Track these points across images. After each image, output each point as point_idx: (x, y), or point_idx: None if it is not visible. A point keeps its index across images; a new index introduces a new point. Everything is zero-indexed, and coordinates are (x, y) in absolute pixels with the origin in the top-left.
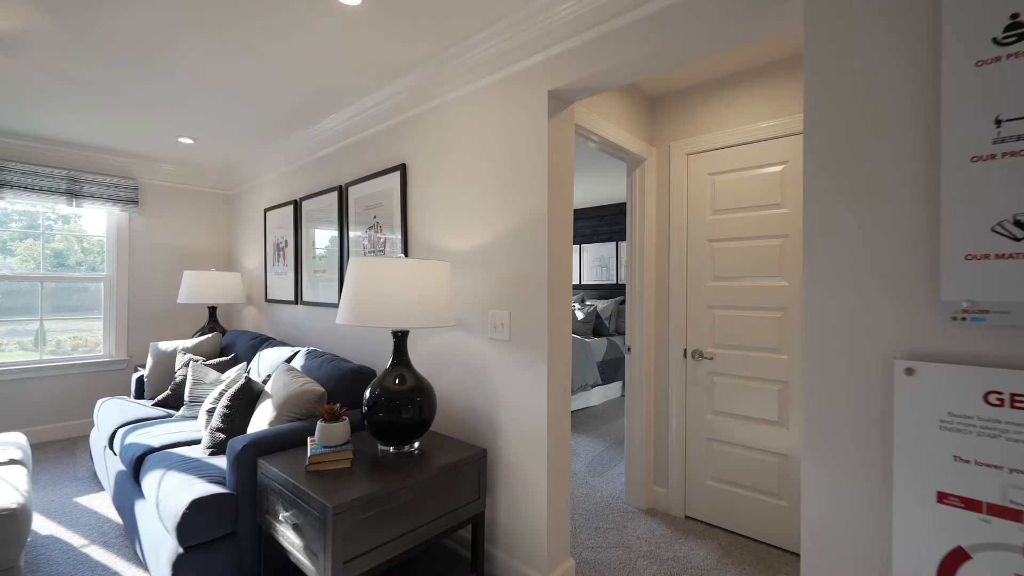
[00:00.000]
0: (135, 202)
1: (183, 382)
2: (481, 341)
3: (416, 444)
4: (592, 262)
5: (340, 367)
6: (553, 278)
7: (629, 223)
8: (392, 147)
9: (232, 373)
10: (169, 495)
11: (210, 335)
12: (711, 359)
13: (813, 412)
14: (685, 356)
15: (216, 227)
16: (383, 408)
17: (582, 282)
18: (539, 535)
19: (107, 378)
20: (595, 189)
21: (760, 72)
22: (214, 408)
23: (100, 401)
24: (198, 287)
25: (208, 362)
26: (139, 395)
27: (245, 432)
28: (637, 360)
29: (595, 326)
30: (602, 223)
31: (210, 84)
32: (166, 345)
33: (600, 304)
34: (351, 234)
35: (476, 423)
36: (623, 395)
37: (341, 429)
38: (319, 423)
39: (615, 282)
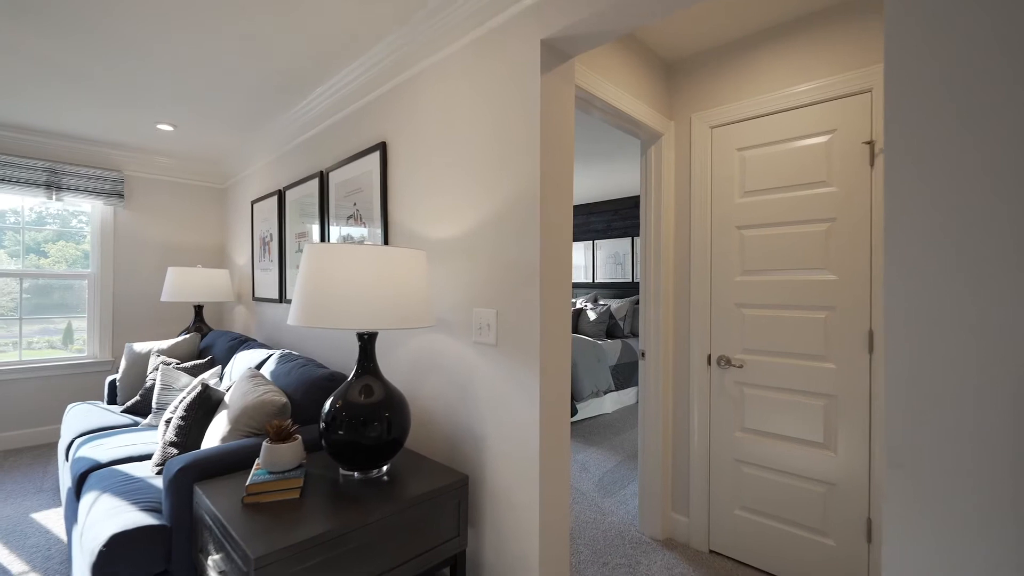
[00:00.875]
0: (120, 195)
1: (153, 387)
2: (465, 345)
3: (385, 468)
4: (606, 259)
5: (310, 373)
6: (547, 269)
7: (643, 209)
8: (372, 124)
9: (204, 378)
10: (93, 524)
11: (188, 336)
12: (740, 367)
13: (901, 450)
14: (709, 363)
15: (207, 222)
16: (344, 425)
17: (595, 280)
18: None
19: (89, 380)
20: (608, 180)
21: (796, 26)
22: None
23: (69, 406)
24: (182, 285)
25: (181, 365)
26: (112, 400)
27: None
28: (652, 367)
29: (608, 327)
30: (616, 217)
31: (183, 62)
32: (141, 346)
33: (614, 304)
34: (332, 225)
35: (459, 442)
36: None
37: (290, 451)
38: (264, 443)
39: (631, 280)
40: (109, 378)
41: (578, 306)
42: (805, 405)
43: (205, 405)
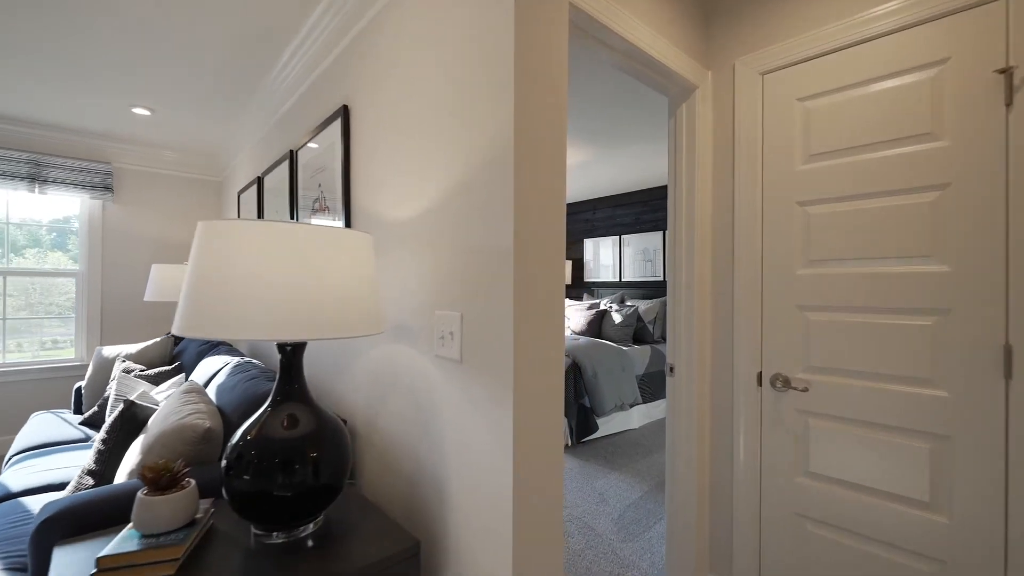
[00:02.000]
0: (108, 189)
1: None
2: (426, 359)
3: (312, 526)
4: (635, 256)
5: (254, 389)
6: (526, 259)
7: (672, 184)
8: (335, 87)
9: (165, 388)
10: None
11: (159, 339)
12: (803, 391)
13: None
14: (759, 383)
15: (203, 217)
16: (251, 468)
17: (622, 279)
18: None
19: (73, 385)
20: (636, 168)
21: None
22: None
23: (33, 415)
24: (167, 283)
25: (144, 372)
26: (78, 408)
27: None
28: (684, 386)
29: (636, 331)
30: (646, 209)
31: (145, 34)
32: (110, 350)
33: (642, 305)
34: (300, 214)
35: (419, 487)
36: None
37: (172, 505)
38: (138, 495)
39: (662, 279)
40: (76, 385)
41: (602, 307)
42: (900, 447)
43: (128, 426)
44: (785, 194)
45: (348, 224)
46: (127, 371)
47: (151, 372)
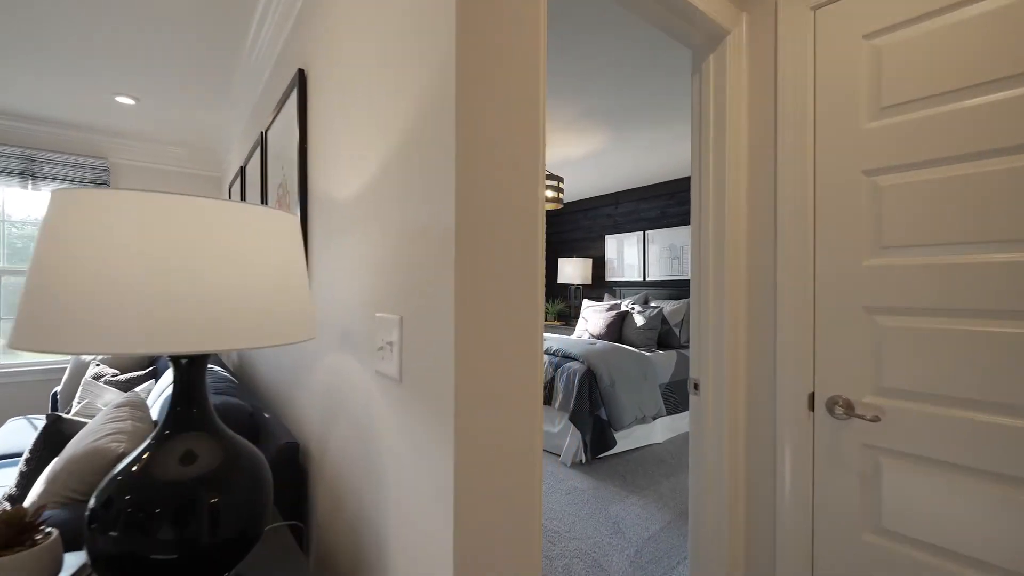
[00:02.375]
0: (104, 185)
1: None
2: (367, 375)
3: None
4: (660, 253)
5: None
6: (475, 237)
7: (696, 158)
8: (295, 51)
9: (130, 397)
10: None
11: None
12: (874, 420)
13: None
14: (811, 407)
15: None
16: (119, 521)
17: (647, 278)
18: None
19: (66, 387)
20: (659, 156)
21: None
22: None
23: (8, 421)
24: None
25: (115, 378)
26: None
27: None
28: (712, 407)
29: (660, 334)
30: (672, 203)
31: (117, 15)
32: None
33: (668, 306)
34: (271, 204)
35: (364, 537)
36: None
37: (14, 568)
38: None
39: (689, 277)
40: (53, 390)
41: (623, 308)
42: (1016, 502)
43: (52, 443)
44: (846, 161)
45: (304, 212)
46: (96, 377)
47: (122, 378)
